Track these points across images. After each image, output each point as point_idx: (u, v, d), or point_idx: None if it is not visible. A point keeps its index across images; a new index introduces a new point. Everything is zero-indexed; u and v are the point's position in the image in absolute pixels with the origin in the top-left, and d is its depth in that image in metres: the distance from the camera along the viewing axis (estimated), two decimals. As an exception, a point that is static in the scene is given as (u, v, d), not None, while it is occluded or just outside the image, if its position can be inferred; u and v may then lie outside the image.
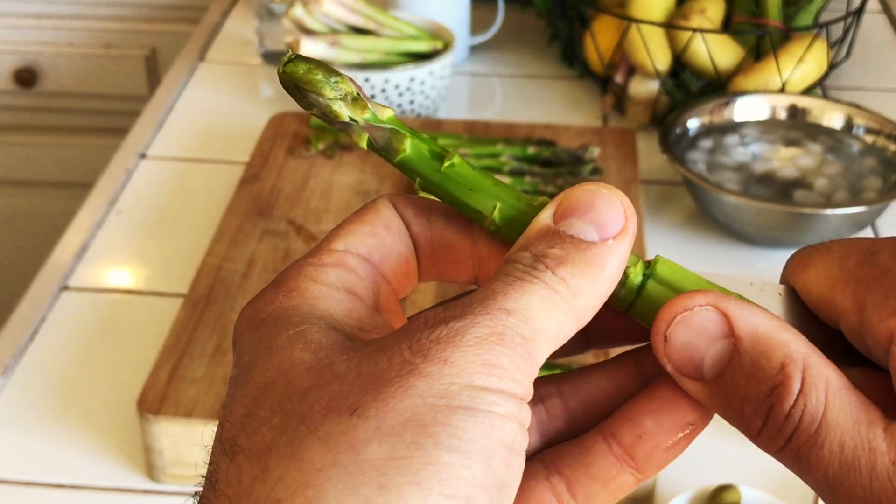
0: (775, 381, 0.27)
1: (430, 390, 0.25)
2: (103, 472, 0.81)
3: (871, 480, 0.26)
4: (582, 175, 1.04)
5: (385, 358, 0.26)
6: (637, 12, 1.19)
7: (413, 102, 1.19)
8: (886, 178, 1.06)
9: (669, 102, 1.20)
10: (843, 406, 0.27)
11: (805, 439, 0.27)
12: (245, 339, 0.29)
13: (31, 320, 0.95)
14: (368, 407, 0.25)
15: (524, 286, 0.27)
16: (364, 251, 0.31)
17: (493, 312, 0.27)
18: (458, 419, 0.25)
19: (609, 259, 0.28)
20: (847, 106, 1.13)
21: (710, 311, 0.29)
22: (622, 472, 0.30)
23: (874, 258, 0.29)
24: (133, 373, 0.87)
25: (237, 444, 0.26)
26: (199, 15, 1.56)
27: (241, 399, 0.27)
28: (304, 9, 1.17)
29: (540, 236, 0.29)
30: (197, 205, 1.10)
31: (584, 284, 0.28)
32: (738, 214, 1.02)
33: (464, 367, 0.26)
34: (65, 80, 1.80)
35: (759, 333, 0.28)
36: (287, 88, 0.31)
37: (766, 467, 0.82)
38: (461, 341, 0.26)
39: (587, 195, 0.29)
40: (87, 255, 1.03)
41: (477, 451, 0.25)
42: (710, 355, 0.28)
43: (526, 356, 0.27)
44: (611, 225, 0.29)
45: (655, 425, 0.30)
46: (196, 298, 0.88)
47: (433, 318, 0.27)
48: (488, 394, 0.26)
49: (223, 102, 1.30)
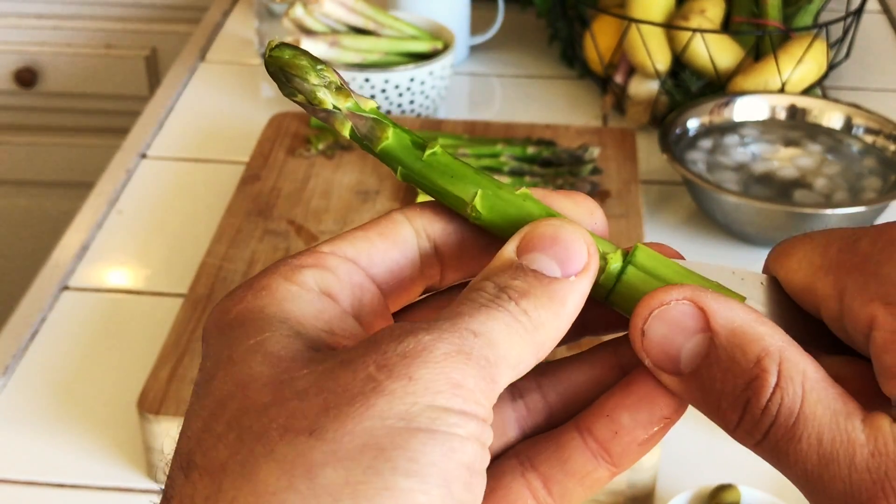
0: (751, 374, 0.27)
1: (392, 410, 0.25)
2: (103, 471, 0.81)
3: (851, 472, 0.26)
4: (582, 175, 1.04)
5: (349, 372, 0.26)
6: (637, 12, 1.19)
7: (413, 102, 1.19)
8: (886, 178, 1.06)
9: (669, 102, 1.21)
10: (820, 398, 0.27)
11: (783, 433, 0.27)
12: (211, 341, 0.29)
13: (31, 320, 0.95)
14: (326, 429, 0.25)
15: (490, 312, 0.27)
16: (351, 254, 0.30)
17: (461, 332, 0.27)
18: (418, 442, 0.25)
19: (570, 295, 0.28)
20: (847, 106, 1.13)
21: (686, 306, 0.29)
22: (598, 467, 0.30)
23: (855, 245, 0.29)
24: (133, 373, 0.87)
25: (193, 459, 0.26)
26: (199, 15, 1.56)
27: (200, 411, 0.27)
28: (304, 9, 1.17)
29: (504, 268, 0.29)
30: (197, 205, 1.10)
31: (545, 318, 0.28)
32: (738, 214, 1.02)
33: (428, 386, 0.25)
34: (65, 80, 1.80)
35: (735, 327, 0.28)
36: (272, 73, 0.31)
37: (766, 467, 0.82)
38: (428, 356, 0.26)
39: (551, 229, 0.29)
40: (87, 255, 1.03)
41: (435, 474, 0.25)
42: (687, 349, 0.28)
43: (490, 380, 0.26)
44: (573, 261, 0.29)
45: (631, 420, 0.30)
46: (196, 298, 0.89)
47: (400, 330, 0.26)
48: (450, 415, 0.25)
49: (223, 102, 1.30)
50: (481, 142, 1.09)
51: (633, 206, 1.02)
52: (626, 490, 0.78)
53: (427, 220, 0.32)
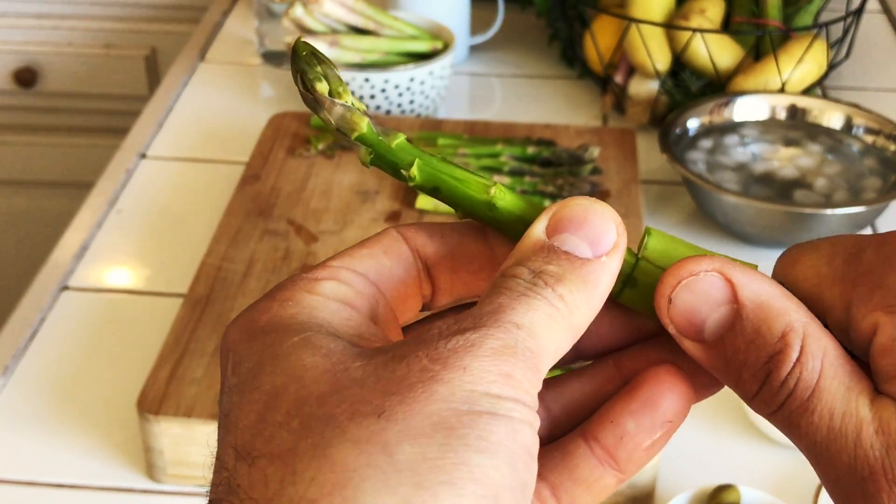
0: (775, 348, 0.28)
1: (453, 395, 0.26)
2: (103, 472, 0.81)
3: (856, 447, 0.27)
4: (582, 175, 1.04)
5: (403, 365, 0.26)
6: (637, 12, 1.19)
7: (413, 102, 1.19)
8: (886, 178, 1.06)
9: (669, 102, 1.20)
10: (836, 374, 0.28)
11: (797, 405, 0.28)
12: (241, 347, 0.29)
13: (31, 320, 0.95)
14: (395, 410, 0.25)
15: (529, 301, 0.28)
16: (361, 269, 0.31)
17: (505, 325, 0.27)
18: (484, 423, 0.26)
19: (603, 276, 0.29)
20: (847, 106, 1.13)
21: (715, 277, 0.29)
22: (605, 473, 0.31)
23: (859, 256, 0.29)
24: (133, 373, 0.87)
25: (255, 448, 0.26)
26: (199, 15, 1.56)
27: (250, 405, 0.27)
28: (304, 9, 1.17)
29: (535, 250, 0.29)
30: (197, 205, 1.10)
31: (580, 301, 0.29)
32: (738, 214, 1.02)
33: (482, 376, 0.26)
34: (65, 80, 1.80)
35: (762, 301, 0.29)
36: (295, 49, 0.32)
37: (766, 467, 0.82)
38: (478, 351, 0.27)
39: (580, 210, 0.30)
40: (87, 255, 1.03)
41: (504, 452, 0.26)
42: (713, 320, 0.29)
43: (534, 369, 0.27)
44: (604, 241, 0.29)
45: (636, 425, 0.30)
46: (196, 298, 0.89)
47: (446, 328, 0.27)
48: (506, 401, 0.26)
49: (223, 102, 1.30)
50: (481, 142, 1.09)
51: (633, 206, 1.02)
52: (626, 490, 0.78)
53: (420, 241, 0.32)
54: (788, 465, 0.81)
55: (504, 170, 1.04)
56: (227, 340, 0.30)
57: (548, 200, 1.00)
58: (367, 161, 0.32)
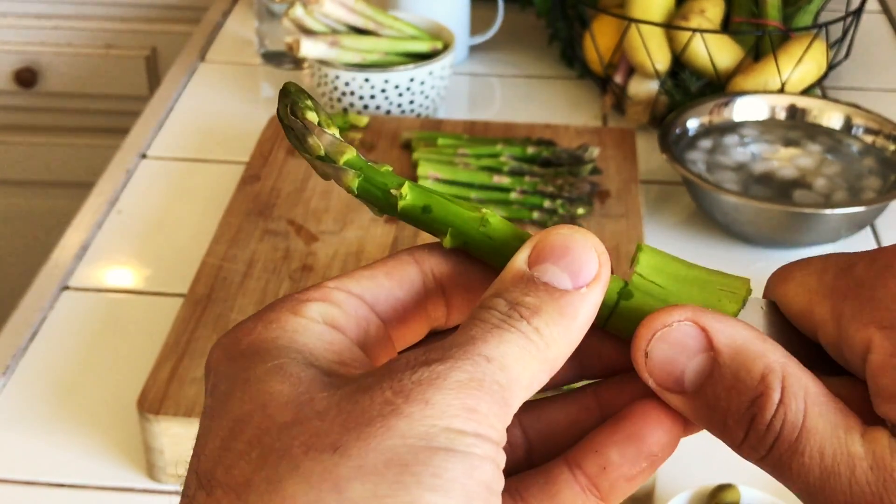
0: (756, 392, 0.28)
1: (412, 431, 0.25)
2: (103, 471, 0.82)
3: (851, 485, 0.27)
4: (581, 175, 1.04)
5: (367, 397, 0.26)
6: (636, 12, 1.19)
7: (413, 102, 1.19)
8: (885, 178, 1.06)
9: (669, 102, 1.21)
10: (822, 413, 0.28)
11: (786, 447, 0.28)
12: (221, 369, 0.29)
13: (31, 320, 0.95)
14: (350, 445, 0.25)
15: (502, 334, 0.28)
16: (357, 291, 0.31)
17: (474, 358, 0.27)
18: (439, 459, 0.25)
19: (581, 308, 0.29)
20: (846, 106, 1.13)
21: (688, 326, 0.29)
22: (587, 501, 0.30)
23: (850, 271, 0.29)
24: (133, 373, 0.87)
25: (214, 477, 0.26)
26: (199, 15, 1.56)
27: (217, 431, 0.27)
28: (304, 9, 1.17)
29: (515, 281, 0.29)
30: (197, 205, 1.10)
31: (557, 334, 0.28)
32: (738, 214, 1.02)
33: (444, 410, 0.26)
34: (65, 80, 1.80)
35: (737, 346, 0.29)
36: (285, 88, 0.33)
37: (766, 467, 0.82)
38: (443, 384, 0.26)
39: (562, 239, 0.29)
40: (87, 255, 1.03)
41: (458, 490, 0.25)
42: (691, 369, 0.29)
43: (503, 403, 0.27)
44: (584, 272, 0.29)
45: (619, 456, 0.30)
46: (196, 298, 0.89)
47: (414, 359, 0.27)
48: (466, 436, 0.26)
49: (223, 102, 1.30)
50: (481, 142, 1.09)
51: (633, 205, 1.02)
52: (626, 490, 0.78)
53: (435, 262, 0.32)
54: (788, 465, 0.81)
55: (504, 170, 1.04)
56: (211, 359, 0.30)
57: (547, 200, 1.00)
58: (355, 186, 0.32)
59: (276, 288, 0.90)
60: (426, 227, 0.32)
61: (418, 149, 1.08)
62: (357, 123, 1.14)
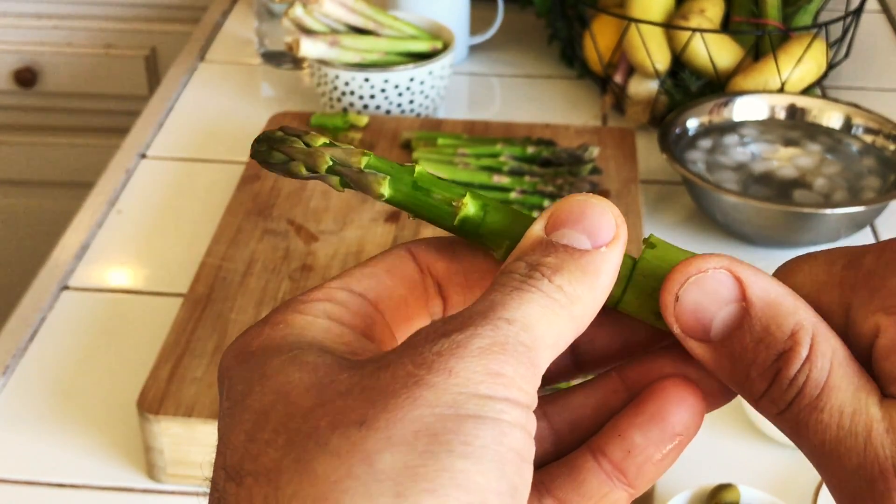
0: (785, 346, 0.28)
1: (438, 400, 0.25)
2: (103, 471, 0.82)
3: (866, 446, 0.27)
4: (581, 175, 1.04)
5: (388, 373, 0.26)
6: (636, 12, 1.19)
7: (413, 102, 1.19)
8: (885, 178, 1.06)
9: (669, 102, 1.21)
10: (845, 374, 0.28)
11: (806, 403, 0.28)
12: (233, 372, 0.29)
13: (31, 320, 0.95)
14: (377, 419, 0.25)
15: (522, 295, 0.28)
16: (359, 289, 0.31)
17: (494, 322, 0.27)
18: (469, 427, 0.25)
19: (603, 265, 0.29)
20: (846, 106, 1.13)
21: (723, 275, 0.29)
22: (614, 488, 0.30)
23: (859, 261, 0.29)
24: (133, 373, 0.87)
25: (243, 468, 0.26)
26: (199, 15, 1.56)
27: (240, 425, 0.27)
28: (303, 9, 1.17)
29: (534, 247, 0.29)
30: (197, 205, 1.10)
31: (581, 291, 0.28)
32: (738, 214, 1.02)
33: (469, 377, 0.26)
34: (65, 80, 1.80)
35: (770, 299, 0.29)
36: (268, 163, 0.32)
37: (766, 467, 0.82)
38: (464, 352, 0.26)
39: (577, 205, 0.29)
40: (87, 255, 1.03)
41: (489, 457, 0.25)
42: (721, 318, 0.29)
43: (529, 364, 0.27)
44: (602, 232, 0.29)
45: (644, 439, 0.30)
46: (196, 298, 0.89)
47: (433, 331, 0.27)
48: (495, 402, 0.26)
49: (223, 102, 1.30)
50: (481, 141, 1.09)
51: (633, 205, 1.03)
52: (626, 490, 0.78)
53: (431, 258, 0.32)
54: (788, 465, 0.81)
55: (504, 170, 1.04)
56: (222, 367, 0.30)
57: (547, 200, 1.00)
58: (387, 193, 0.31)
59: (275, 288, 0.90)
60: (479, 241, 0.31)
61: (418, 149, 1.08)
62: (357, 123, 1.14)
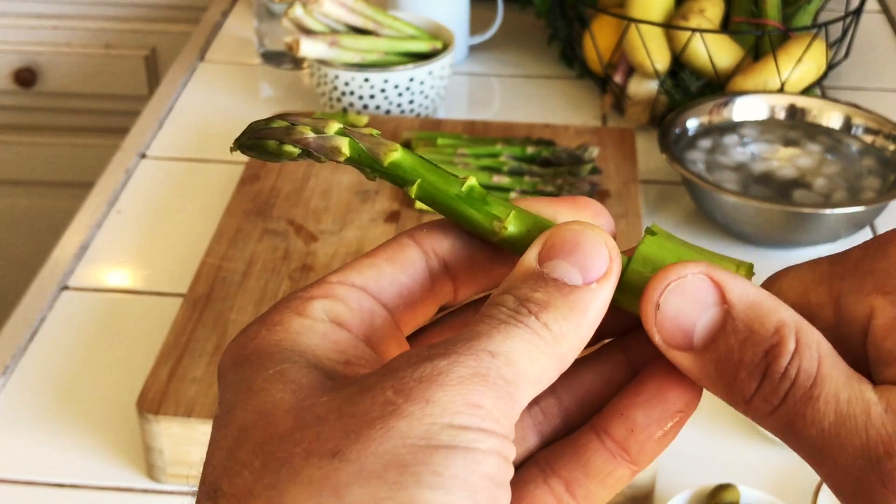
0: (770, 342, 0.28)
1: (412, 431, 0.25)
2: (103, 471, 0.82)
3: (867, 427, 0.27)
4: (581, 175, 1.04)
5: (367, 398, 0.26)
6: (636, 12, 1.19)
7: (412, 102, 1.19)
8: (885, 178, 1.07)
9: (668, 102, 1.21)
10: (835, 363, 0.28)
11: (801, 394, 0.28)
12: (228, 375, 0.29)
13: (31, 320, 0.95)
14: (349, 450, 0.25)
15: (508, 329, 0.27)
16: (360, 282, 0.31)
17: (478, 353, 0.27)
18: (440, 457, 0.25)
19: (592, 303, 0.28)
20: (846, 106, 1.13)
21: (702, 280, 0.29)
22: (618, 466, 0.30)
23: (845, 256, 0.30)
24: (133, 373, 0.87)
25: (220, 487, 0.26)
26: (199, 15, 1.56)
27: (222, 441, 0.27)
28: (303, 9, 1.17)
29: (524, 278, 0.29)
30: (197, 205, 1.10)
31: (568, 329, 0.28)
32: (737, 214, 1.02)
33: (446, 407, 0.26)
34: (65, 80, 1.80)
35: (751, 300, 0.29)
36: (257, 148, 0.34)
37: (766, 467, 0.82)
38: (445, 380, 0.26)
39: (572, 235, 0.29)
40: (87, 255, 1.03)
41: (460, 486, 0.25)
42: (702, 323, 0.29)
43: (508, 398, 0.27)
44: (595, 267, 0.29)
45: (645, 417, 0.30)
46: (196, 298, 0.89)
47: (416, 356, 0.27)
48: (469, 432, 0.26)
49: (223, 102, 1.30)
50: (481, 142, 1.09)
51: (633, 205, 1.03)
52: (626, 489, 0.78)
53: (435, 240, 0.32)
54: (788, 465, 0.81)
55: (504, 170, 1.04)
56: (221, 366, 0.30)
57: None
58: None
59: (275, 288, 0.91)
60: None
61: (418, 149, 1.08)
62: (356, 123, 1.14)
